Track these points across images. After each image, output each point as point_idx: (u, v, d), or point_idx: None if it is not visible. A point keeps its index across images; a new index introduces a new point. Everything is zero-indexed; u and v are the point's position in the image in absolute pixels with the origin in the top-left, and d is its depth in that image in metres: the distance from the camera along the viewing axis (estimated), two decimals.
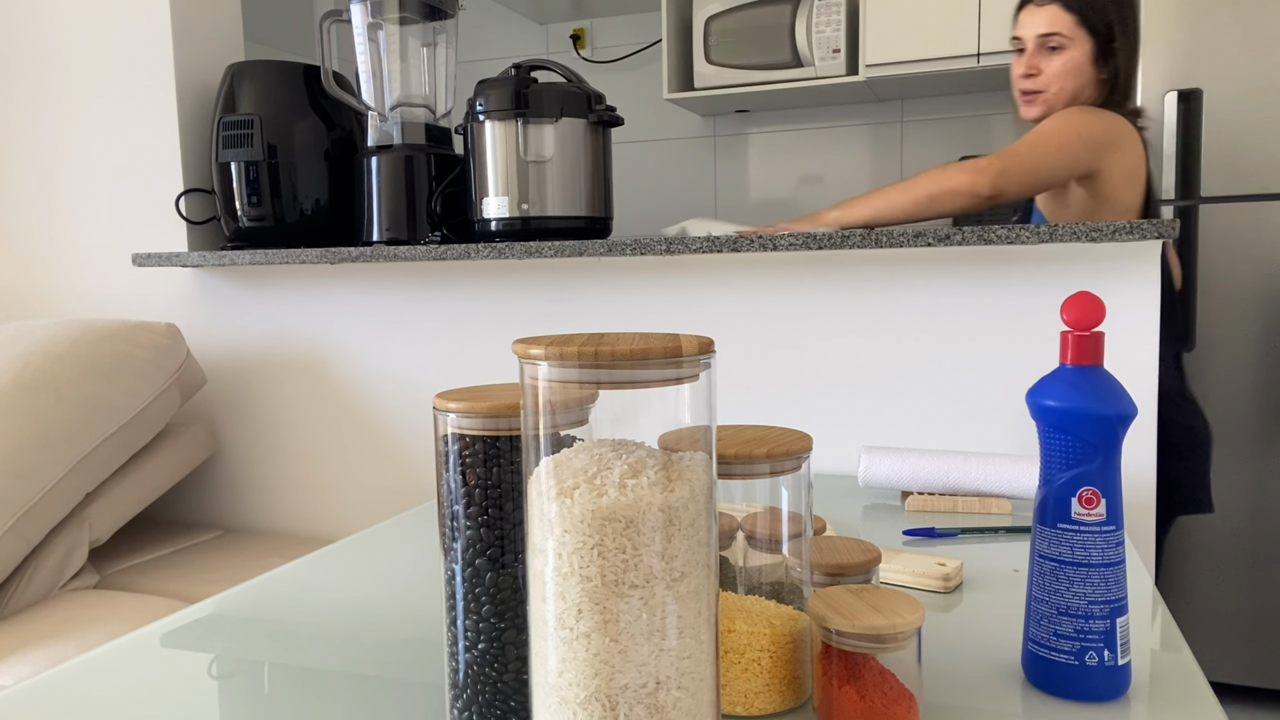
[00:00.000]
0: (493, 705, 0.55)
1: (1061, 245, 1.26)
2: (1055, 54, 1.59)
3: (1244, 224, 2.12)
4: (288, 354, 1.68)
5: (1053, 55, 1.59)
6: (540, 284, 1.51)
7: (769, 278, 1.39)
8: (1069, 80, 1.60)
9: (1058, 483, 0.62)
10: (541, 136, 1.48)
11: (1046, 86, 1.60)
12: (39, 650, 1.17)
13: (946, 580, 0.83)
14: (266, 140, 1.59)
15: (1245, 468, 2.15)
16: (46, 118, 1.80)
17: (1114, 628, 0.61)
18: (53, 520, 1.36)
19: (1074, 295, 0.61)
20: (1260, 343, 2.12)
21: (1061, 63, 1.59)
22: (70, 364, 1.41)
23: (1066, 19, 1.58)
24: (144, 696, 0.67)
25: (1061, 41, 1.58)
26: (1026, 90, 1.62)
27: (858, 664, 0.56)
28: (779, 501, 0.63)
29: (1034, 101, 1.63)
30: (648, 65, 3.36)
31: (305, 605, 0.85)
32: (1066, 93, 1.61)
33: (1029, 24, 1.61)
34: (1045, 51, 1.60)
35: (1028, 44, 1.61)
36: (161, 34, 1.70)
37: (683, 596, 0.46)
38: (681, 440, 0.48)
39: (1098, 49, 1.59)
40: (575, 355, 0.44)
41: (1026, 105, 1.64)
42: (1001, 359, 1.30)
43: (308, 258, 1.51)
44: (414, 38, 1.61)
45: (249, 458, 1.74)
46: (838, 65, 2.76)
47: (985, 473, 1.12)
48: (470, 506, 0.54)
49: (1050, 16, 1.58)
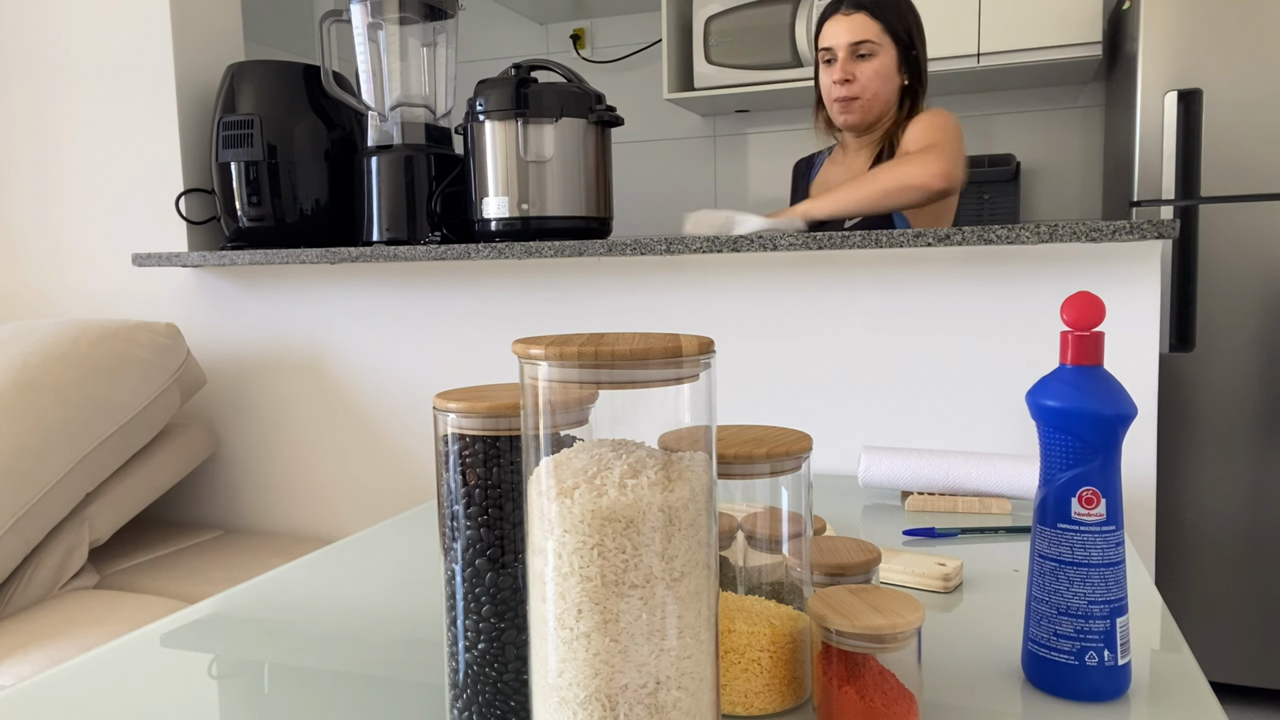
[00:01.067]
0: (493, 705, 0.55)
1: (1061, 245, 1.26)
2: (866, 61, 1.64)
3: (1244, 224, 2.12)
4: (288, 354, 1.68)
5: (864, 62, 1.65)
6: (540, 284, 1.51)
7: (769, 278, 1.39)
8: (882, 85, 1.66)
9: (1058, 483, 0.62)
10: (541, 136, 1.48)
11: (862, 93, 1.65)
12: (39, 650, 1.17)
13: (946, 580, 0.83)
14: (266, 140, 1.59)
15: (1245, 468, 2.15)
16: (47, 118, 1.80)
17: (1114, 628, 0.61)
18: (53, 520, 1.36)
19: (1074, 295, 0.61)
20: (1260, 343, 2.12)
21: (874, 69, 1.65)
22: (70, 364, 1.41)
23: (874, 26, 1.64)
24: (144, 696, 0.67)
25: (872, 48, 1.64)
26: (844, 97, 1.66)
27: (858, 664, 0.56)
28: (779, 501, 0.63)
29: (851, 108, 1.67)
30: (648, 65, 3.36)
31: (305, 605, 0.85)
32: (881, 98, 1.67)
33: (838, 33, 1.65)
34: (856, 59, 1.65)
35: (839, 53, 1.65)
36: (161, 34, 1.70)
37: (683, 596, 0.46)
38: (681, 440, 0.48)
39: (901, 55, 1.66)
40: (575, 355, 0.44)
41: (844, 113, 1.68)
42: (1001, 359, 1.30)
43: (308, 258, 1.51)
44: (414, 38, 1.61)
45: (249, 458, 1.74)
46: None
47: (985, 473, 1.12)
48: (470, 506, 0.54)
49: (860, 24, 1.63)
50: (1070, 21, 2.53)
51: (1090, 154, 2.90)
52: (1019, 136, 2.97)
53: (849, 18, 1.64)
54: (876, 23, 1.64)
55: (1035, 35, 2.56)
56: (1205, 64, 2.12)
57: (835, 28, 1.66)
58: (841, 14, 1.66)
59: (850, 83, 1.65)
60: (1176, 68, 2.14)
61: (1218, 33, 2.11)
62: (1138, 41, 2.17)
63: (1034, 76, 2.76)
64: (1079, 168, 2.92)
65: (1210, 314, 2.15)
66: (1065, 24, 2.53)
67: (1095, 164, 2.90)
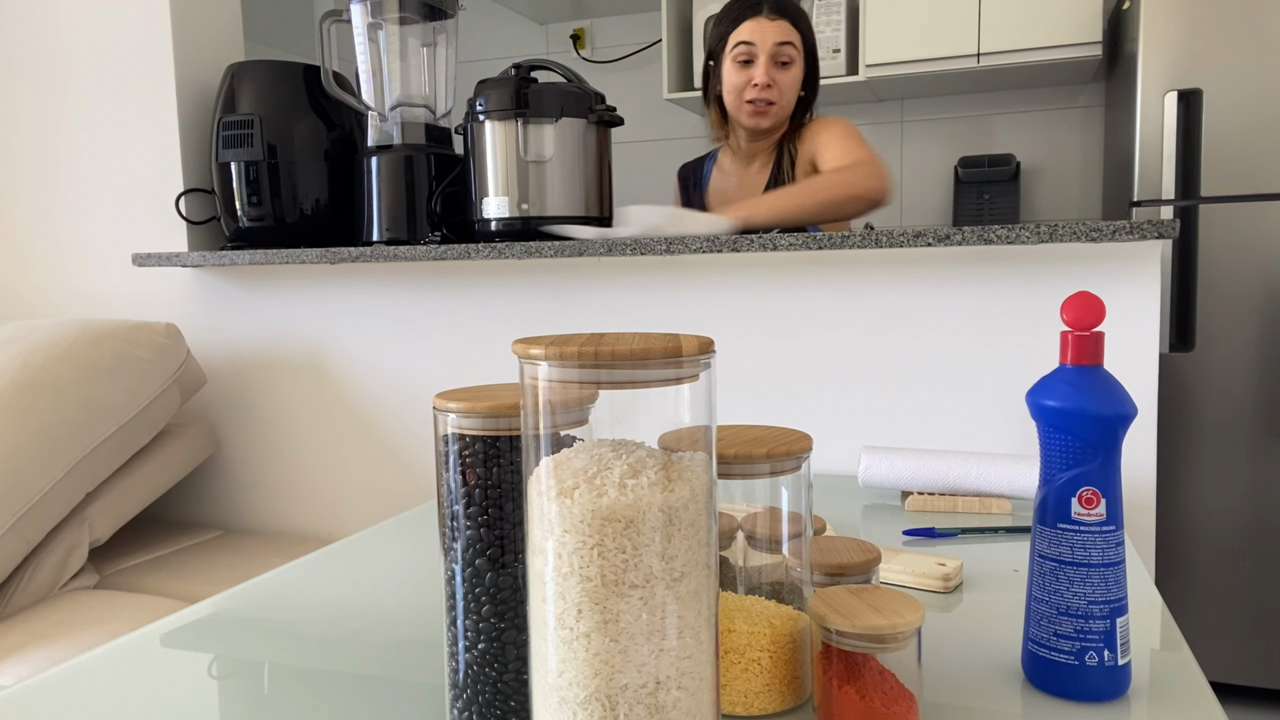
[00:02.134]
0: (493, 705, 0.55)
1: (1061, 245, 1.26)
2: (786, 68, 1.67)
3: (1244, 224, 2.12)
4: (288, 354, 1.68)
5: (784, 69, 1.67)
6: (540, 284, 1.51)
7: (769, 278, 1.39)
8: (793, 93, 1.69)
9: (1058, 483, 0.62)
10: (541, 136, 1.48)
11: (779, 98, 1.67)
12: (39, 650, 1.17)
13: (946, 580, 0.83)
14: (266, 140, 1.59)
15: (1245, 468, 2.15)
16: (47, 118, 1.80)
17: (1114, 628, 0.61)
18: (53, 520, 1.36)
19: (1074, 295, 0.61)
20: (1260, 343, 2.12)
21: (791, 75, 1.68)
22: (70, 364, 1.41)
23: (796, 34, 1.66)
24: (144, 696, 0.67)
25: (792, 55, 1.66)
26: (763, 100, 1.66)
27: (858, 664, 0.56)
28: (779, 501, 0.63)
29: (767, 112, 1.68)
30: (648, 65, 3.36)
31: (305, 605, 0.85)
32: (789, 106, 1.70)
33: (765, 32, 1.65)
34: (777, 65, 1.66)
35: (760, 53, 1.65)
36: (161, 34, 1.70)
37: (683, 596, 0.46)
38: (681, 440, 0.48)
39: (809, 68, 1.70)
40: (575, 355, 0.44)
41: (757, 115, 1.68)
42: (1001, 359, 1.30)
43: (308, 258, 1.51)
44: (414, 38, 1.61)
45: (249, 458, 1.74)
46: (838, 65, 2.76)
47: (985, 473, 1.12)
48: (470, 506, 0.54)
49: (785, 29, 1.65)
50: (1070, 21, 2.53)
51: (1090, 154, 2.90)
52: (1019, 136, 2.97)
53: (774, 22, 1.65)
54: (798, 33, 1.67)
55: (1035, 35, 2.56)
56: (1205, 64, 2.12)
57: (760, 26, 1.65)
58: (766, 16, 1.66)
59: (770, 87, 1.66)
60: (1176, 68, 2.14)
61: (1218, 33, 2.11)
62: (1138, 41, 2.17)
63: (1034, 76, 2.76)
64: (1079, 168, 2.92)
65: (1210, 314, 2.15)
66: (1065, 24, 2.53)
67: (1095, 164, 2.90)
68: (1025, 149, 2.96)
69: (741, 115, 1.70)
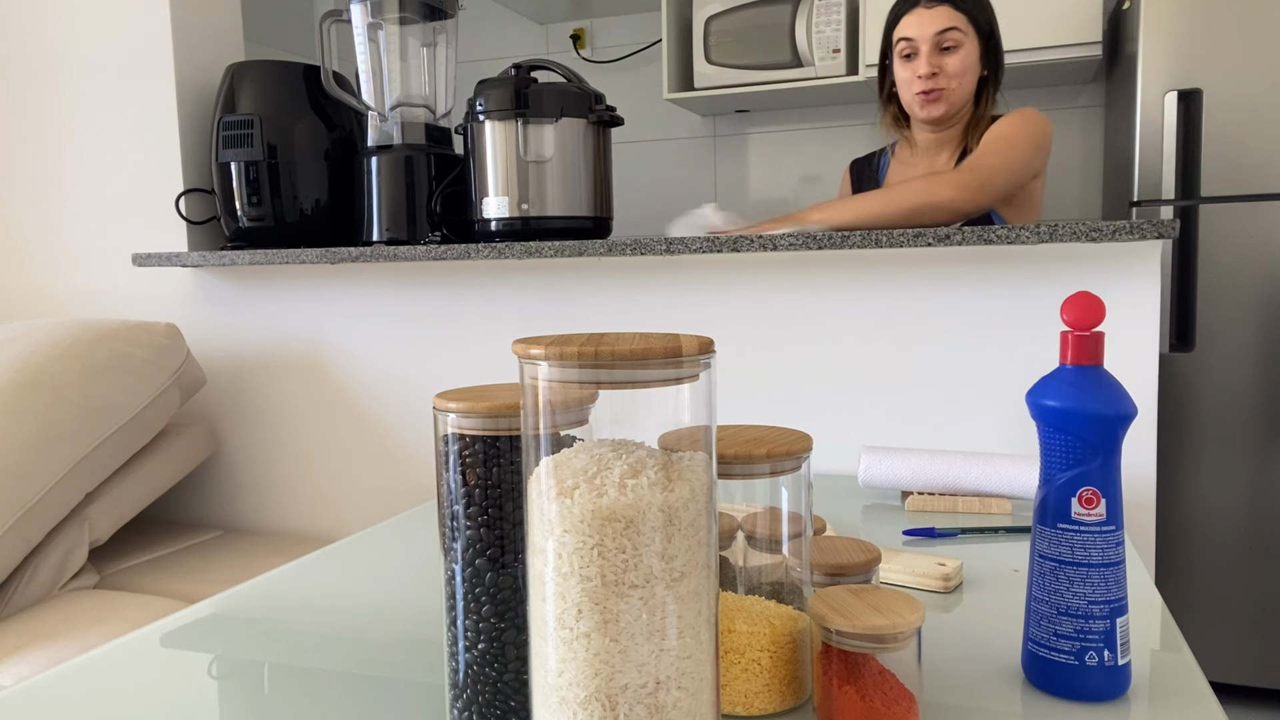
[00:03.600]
0: (493, 705, 0.55)
1: (1061, 245, 1.26)
2: (951, 53, 1.63)
3: (1244, 224, 2.12)
4: (288, 354, 1.68)
5: (949, 55, 1.63)
6: (540, 284, 1.51)
7: (769, 278, 1.39)
8: (967, 77, 1.64)
9: (1058, 483, 0.62)
10: (541, 136, 1.48)
11: (948, 84, 1.63)
12: (39, 650, 1.17)
13: (946, 580, 0.83)
14: (266, 140, 1.59)
15: (1245, 468, 2.15)
16: (47, 118, 1.80)
17: (1114, 628, 0.61)
18: (53, 520, 1.36)
19: (1074, 295, 0.61)
20: (1260, 343, 2.12)
21: (959, 59, 1.63)
22: (70, 364, 1.41)
23: (960, 16, 1.62)
24: (144, 696, 0.67)
25: (958, 38, 1.62)
26: (929, 90, 1.64)
27: (858, 664, 0.56)
28: (779, 501, 0.63)
29: (938, 99, 1.65)
30: (648, 65, 3.36)
31: (305, 605, 0.85)
32: (965, 90, 1.65)
33: (921, 24, 1.63)
34: (940, 51, 1.63)
35: (921, 45, 1.63)
36: (161, 34, 1.70)
37: (683, 596, 0.46)
38: (681, 440, 0.48)
39: (984, 46, 1.65)
40: (575, 355, 0.44)
41: (930, 104, 1.66)
42: (1001, 359, 1.30)
43: (308, 258, 1.51)
44: (414, 38, 1.61)
45: (249, 458, 1.74)
46: (838, 65, 2.76)
47: (985, 473, 1.12)
48: (470, 506, 0.54)
49: (945, 15, 1.62)
50: (1070, 21, 2.53)
51: (1090, 154, 2.90)
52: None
53: (932, 10, 1.62)
54: (961, 14, 1.63)
55: (1035, 35, 2.56)
56: (1205, 64, 2.12)
57: (917, 19, 1.63)
58: (924, 6, 1.63)
59: (936, 75, 1.63)
60: (1176, 68, 2.14)
61: (1218, 33, 2.11)
62: (1138, 41, 2.17)
63: (1034, 76, 2.76)
64: (1079, 168, 2.92)
65: (1210, 314, 2.15)
66: (1065, 24, 2.53)
67: (1095, 164, 2.90)
68: None
69: (916, 108, 1.69)
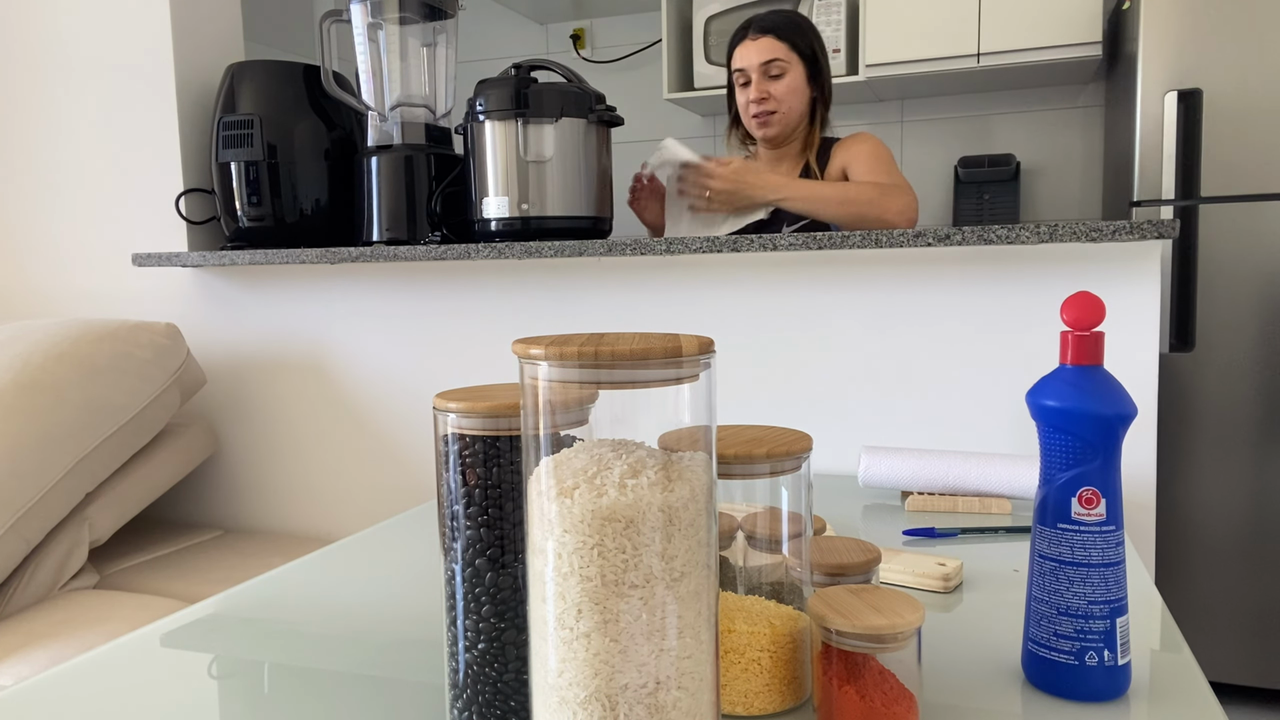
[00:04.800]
0: (493, 705, 0.55)
1: (1061, 245, 1.26)
2: (779, 80, 1.78)
3: (1244, 224, 2.12)
4: (288, 354, 1.68)
5: (776, 81, 1.78)
6: (540, 284, 1.51)
7: (769, 278, 1.39)
8: (795, 99, 1.79)
9: (1058, 483, 0.62)
10: (541, 136, 1.48)
11: (778, 106, 1.78)
12: (39, 650, 1.17)
13: (946, 580, 0.83)
14: (266, 140, 1.59)
15: (1245, 468, 2.15)
16: (47, 118, 1.80)
17: (1114, 628, 0.61)
18: (53, 520, 1.36)
19: (1074, 295, 0.61)
20: (1260, 343, 2.12)
21: (785, 85, 1.78)
22: (70, 364, 1.41)
23: (782, 46, 1.77)
24: (144, 696, 0.67)
25: (782, 67, 1.77)
26: (762, 112, 1.79)
27: (858, 664, 0.56)
28: (779, 501, 0.63)
29: (770, 121, 1.80)
30: (648, 65, 3.36)
31: (305, 605, 0.85)
32: (795, 110, 1.80)
33: (749, 56, 1.78)
34: (769, 78, 1.78)
35: (751, 73, 1.78)
36: (161, 34, 1.70)
37: (683, 596, 0.46)
38: (681, 440, 0.48)
39: (808, 70, 1.80)
40: (575, 355, 0.44)
41: (763, 127, 1.81)
42: (1001, 359, 1.30)
43: (308, 258, 1.51)
44: (414, 38, 1.61)
45: (249, 458, 1.74)
46: (838, 65, 2.76)
47: (985, 473, 1.12)
48: (470, 506, 0.54)
49: (769, 46, 1.76)
50: (1070, 21, 2.53)
51: (1090, 154, 2.90)
52: (1019, 136, 2.97)
53: (757, 41, 1.78)
54: (783, 43, 1.77)
55: (1035, 35, 2.56)
56: (1205, 64, 2.12)
57: (745, 51, 1.78)
58: (749, 39, 1.78)
59: (766, 99, 1.77)
60: (1176, 68, 2.14)
61: (1218, 33, 2.11)
62: (1138, 41, 2.17)
63: (1034, 76, 2.76)
64: (1079, 168, 2.92)
65: (1210, 314, 2.15)
66: (1065, 24, 2.53)
67: (1095, 164, 2.90)
68: (1025, 149, 2.95)
69: (754, 129, 1.83)
